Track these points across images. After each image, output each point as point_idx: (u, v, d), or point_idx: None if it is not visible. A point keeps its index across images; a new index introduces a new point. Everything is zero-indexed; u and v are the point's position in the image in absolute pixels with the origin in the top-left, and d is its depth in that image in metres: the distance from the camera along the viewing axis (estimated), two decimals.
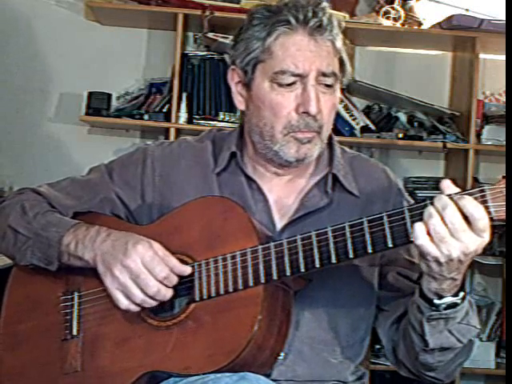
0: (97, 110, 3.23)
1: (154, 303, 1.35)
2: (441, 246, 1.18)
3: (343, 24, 1.45)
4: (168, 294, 1.35)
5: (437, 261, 1.20)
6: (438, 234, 1.18)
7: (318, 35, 1.39)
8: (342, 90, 1.48)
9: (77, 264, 1.43)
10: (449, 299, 1.28)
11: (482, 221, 1.17)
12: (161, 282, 1.33)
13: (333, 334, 1.45)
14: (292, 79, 1.39)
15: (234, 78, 1.49)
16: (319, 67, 1.39)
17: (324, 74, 1.40)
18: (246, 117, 1.50)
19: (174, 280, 1.35)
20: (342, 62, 1.44)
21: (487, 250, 3.30)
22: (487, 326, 3.37)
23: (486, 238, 1.19)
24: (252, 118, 1.46)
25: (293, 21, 1.39)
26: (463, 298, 1.30)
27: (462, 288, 1.29)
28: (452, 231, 1.17)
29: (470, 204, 1.17)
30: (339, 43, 1.43)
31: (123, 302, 1.35)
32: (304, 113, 1.40)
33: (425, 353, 1.37)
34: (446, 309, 1.29)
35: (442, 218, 1.18)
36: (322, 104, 1.41)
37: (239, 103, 1.49)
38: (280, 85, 1.40)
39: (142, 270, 1.33)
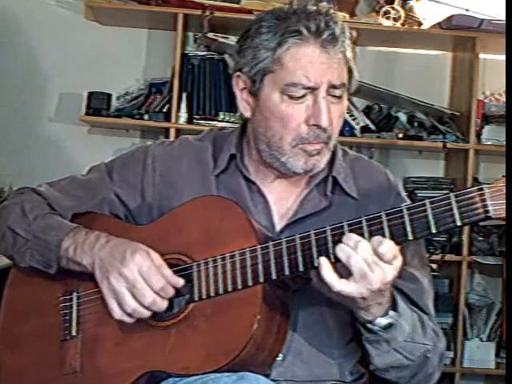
0: (97, 110, 3.24)
1: (147, 314, 1.34)
2: (362, 282, 1.21)
3: (354, 34, 1.44)
4: (163, 305, 1.34)
5: (362, 297, 1.23)
6: (362, 270, 1.20)
7: (330, 47, 1.37)
8: None
9: (75, 268, 1.43)
10: (381, 321, 1.30)
11: (390, 253, 1.20)
12: (157, 293, 1.33)
13: (329, 335, 1.45)
14: (303, 92, 1.37)
15: (239, 85, 1.46)
16: (330, 79, 1.37)
17: (334, 86, 1.38)
18: (252, 124, 1.48)
19: (171, 292, 1.34)
20: (350, 70, 1.43)
21: (487, 250, 3.30)
22: (487, 325, 3.37)
23: (398, 263, 1.23)
24: (259, 127, 1.45)
25: (305, 31, 1.36)
26: (395, 316, 1.31)
27: (393, 307, 1.31)
28: (370, 265, 1.20)
29: (376, 241, 1.20)
30: (349, 53, 1.41)
31: (117, 312, 1.35)
32: (314, 125, 1.38)
33: (378, 371, 1.39)
34: (383, 330, 1.31)
35: (360, 254, 1.20)
36: (332, 114, 1.39)
37: (245, 110, 1.47)
38: (291, 97, 1.38)
39: (138, 280, 1.32)
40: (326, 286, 1.23)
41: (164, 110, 3.23)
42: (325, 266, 1.22)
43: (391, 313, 1.31)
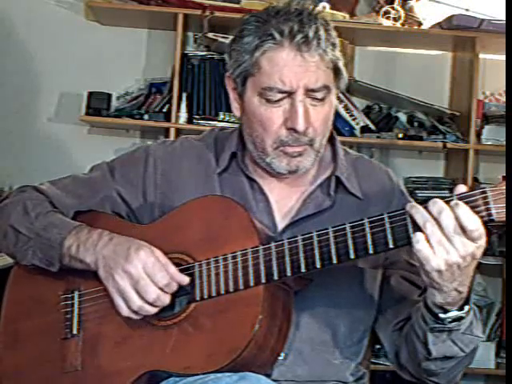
0: (97, 110, 3.24)
1: (153, 311, 1.34)
2: (438, 249, 1.17)
3: (336, 37, 1.40)
4: (167, 300, 1.34)
5: (438, 270, 1.19)
6: (434, 236, 1.17)
7: (304, 50, 1.35)
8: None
9: (78, 266, 1.43)
10: (454, 313, 1.27)
11: (477, 232, 1.16)
12: (161, 289, 1.33)
13: (332, 335, 1.45)
14: (279, 96, 1.37)
15: (230, 85, 1.48)
16: (307, 84, 1.36)
17: (313, 90, 1.37)
18: (242, 124, 1.49)
19: (174, 287, 1.34)
20: (337, 70, 1.41)
21: (487, 250, 3.30)
22: (487, 326, 3.37)
23: (482, 243, 1.19)
24: (246, 127, 1.46)
25: (277, 36, 1.35)
26: (468, 311, 1.29)
27: (467, 301, 1.27)
28: (448, 235, 1.17)
29: (465, 215, 1.16)
30: (330, 54, 1.38)
31: (124, 309, 1.35)
32: (291, 129, 1.38)
33: (427, 360, 1.36)
34: (450, 322, 1.28)
35: (438, 223, 1.17)
36: (313, 117, 1.39)
37: (236, 110, 1.48)
38: (268, 101, 1.38)
39: (142, 276, 1.32)
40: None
41: (164, 110, 3.22)
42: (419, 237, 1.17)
43: (466, 307, 1.27)
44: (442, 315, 1.27)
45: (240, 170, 1.50)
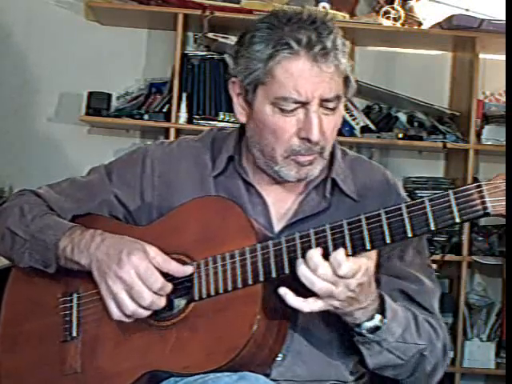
0: (97, 110, 3.24)
1: (146, 314, 1.34)
2: (328, 298, 1.25)
3: (347, 45, 1.39)
4: (162, 303, 1.34)
5: (335, 307, 1.27)
6: (326, 292, 1.24)
7: (321, 61, 1.34)
8: None
9: (74, 267, 1.43)
10: (365, 325, 1.32)
11: (350, 272, 1.23)
12: (155, 293, 1.33)
13: (330, 334, 1.45)
14: (294, 106, 1.36)
15: (235, 90, 1.45)
16: (322, 94, 1.35)
17: (327, 100, 1.37)
18: (247, 130, 1.47)
19: (169, 289, 1.34)
20: (346, 79, 1.40)
21: (487, 250, 3.31)
22: (487, 325, 3.37)
23: (360, 275, 1.25)
24: (254, 134, 1.44)
25: (295, 46, 1.33)
26: (381, 320, 1.33)
27: (381, 310, 1.32)
28: (333, 283, 1.23)
29: (337, 263, 1.23)
30: (344, 64, 1.37)
31: (115, 313, 1.35)
32: (305, 138, 1.38)
33: (376, 369, 1.41)
34: (370, 333, 1.33)
35: (321, 278, 1.24)
36: (325, 126, 1.38)
37: (240, 115, 1.46)
38: (282, 110, 1.37)
39: (135, 282, 1.32)
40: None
41: (164, 110, 3.22)
42: (288, 296, 1.26)
43: (377, 316, 1.32)
44: (356, 329, 1.33)
45: (237, 173, 1.50)
